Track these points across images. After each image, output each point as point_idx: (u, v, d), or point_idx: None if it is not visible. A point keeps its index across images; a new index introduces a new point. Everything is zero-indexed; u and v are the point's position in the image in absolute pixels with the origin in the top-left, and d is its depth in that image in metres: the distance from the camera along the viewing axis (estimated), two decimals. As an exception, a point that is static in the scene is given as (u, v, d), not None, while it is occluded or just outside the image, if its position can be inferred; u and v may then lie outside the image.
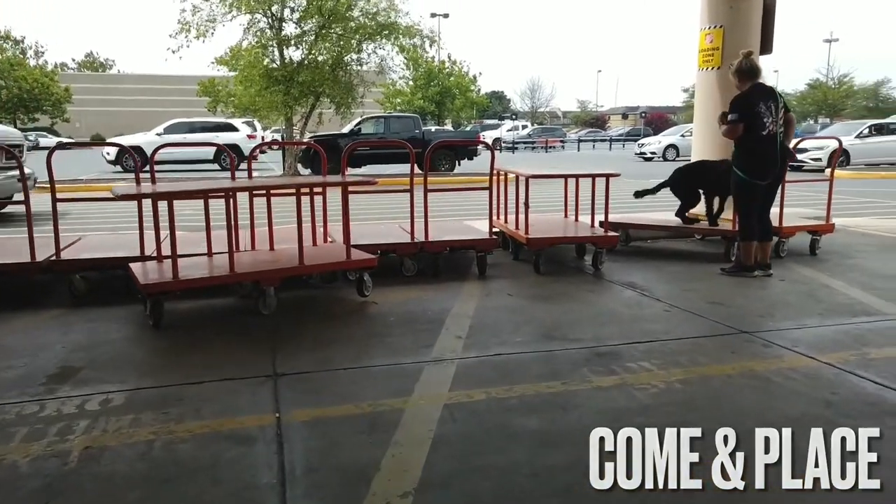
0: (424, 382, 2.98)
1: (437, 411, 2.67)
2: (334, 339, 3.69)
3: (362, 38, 18.62)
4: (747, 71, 5.02)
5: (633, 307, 4.31)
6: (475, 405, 2.73)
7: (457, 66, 41.17)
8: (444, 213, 9.69)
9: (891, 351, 3.36)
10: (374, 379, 3.06)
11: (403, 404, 2.74)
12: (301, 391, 2.94)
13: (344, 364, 3.24)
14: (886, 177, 16.90)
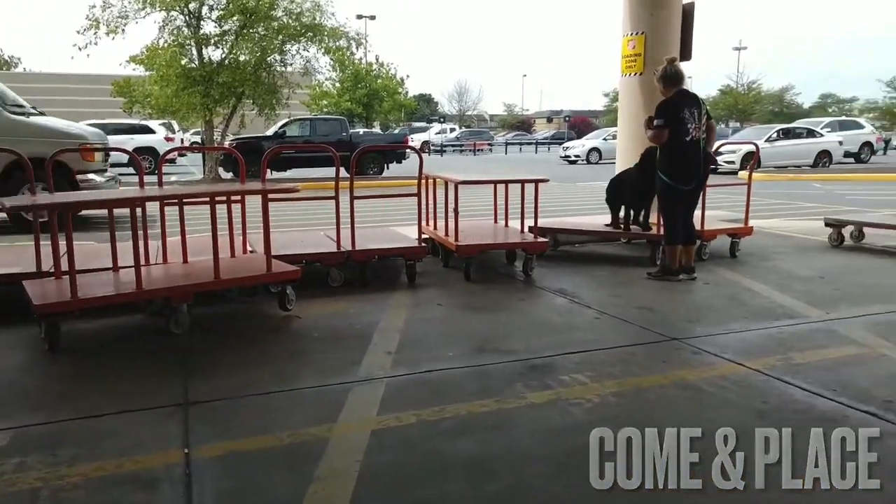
0: (351, 406, 2.80)
1: (364, 439, 2.49)
2: (253, 359, 3.44)
3: (286, 38, 18.13)
4: (672, 77, 5.07)
5: (565, 315, 4.25)
6: (405, 430, 2.57)
7: (384, 68, 40.86)
8: (371, 219, 9.48)
9: (813, 355, 3.42)
10: (296, 404, 2.85)
11: (328, 432, 2.54)
12: (214, 422, 2.70)
13: (263, 388, 3.01)
14: (794, 179, 17.81)
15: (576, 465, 2.30)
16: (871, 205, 11.17)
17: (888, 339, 3.64)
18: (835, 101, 63.78)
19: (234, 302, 4.54)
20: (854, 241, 6.74)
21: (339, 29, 18.86)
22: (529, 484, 2.18)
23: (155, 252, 4.63)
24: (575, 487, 2.17)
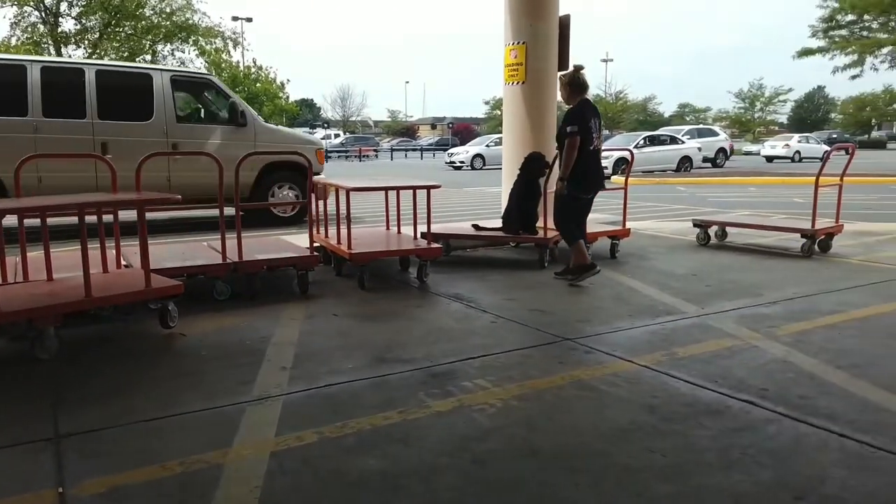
0: (246, 428, 2.64)
1: (263, 463, 2.35)
2: (134, 383, 3.17)
3: (156, 38, 17.14)
4: (580, 85, 5.16)
5: (462, 320, 4.27)
6: (307, 450, 2.45)
7: (263, 71, 39.63)
8: (259, 228, 9.13)
9: (694, 349, 3.64)
10: (185, 430, 2.65)
11: (223, 458, 2.38)
12: (92, 454, 2.45)
13: (146, 414, 2.77)
14: (661, 182, 19.10)
15: (485, 473, 2.30)
16: (730, 205, 12.18)
17: (757, 331, 3.96)
18: (691, 110, 69.39)
19: (109, 322, 4.19)
20: (718, 240, 7.30)
21: (213, 29, 18.09)
22: (441, 496, 2.15)
23: (13, 269, 4.18)
24: (485, 496, 2.16)
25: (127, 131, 8.53)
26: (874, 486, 2.18)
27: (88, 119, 8.36)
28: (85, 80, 8.39)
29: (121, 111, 8.61)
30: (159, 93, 8.79)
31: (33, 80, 8.12)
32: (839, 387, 3.06)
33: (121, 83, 8.86)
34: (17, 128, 8.00)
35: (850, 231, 7.44)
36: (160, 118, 8.77)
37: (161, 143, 8.63)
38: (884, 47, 22.73)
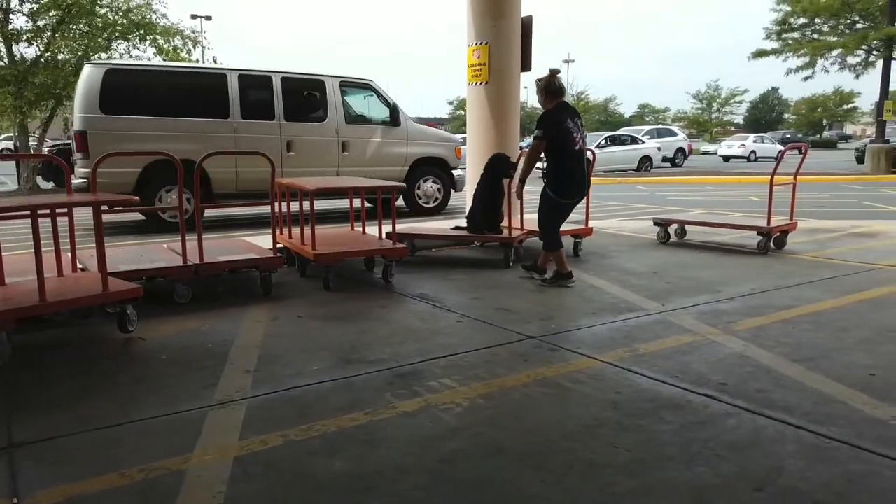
0: (209, 433, 2.60)
1: (226, 468, 2.31)
2: (91, 390, 3.09)
3: (112, 36, 16.71)
4: (556, 89, 5.09)
5: (428, 320, 4.27)
6: (272, 454, 2.42)
7: (224, 70, 38.99)
8: (222, 229, 9.00)
9: (655, 345, 3.70)
10: (145, 436, 2.59)
11: (184, 464, 2.34)
12: (49, 463, 2.38)
13: (105, 421, 2.71)
14: (622, 182, 19.39)
15: (451, 473, 2.30)
16: (688, 204, 12.44)
17: (715, 327, 4.05)
18: (651, 110, 70.64)
19: (65, 326, 4.07)
20: (678, 238, 7.44)
21: (172, 28, 17.70)
22: (408, 497, 2.14)
23: (-38, 274, 4.03)
24: (452, 495, 2.16)
25: (307, 131, 9.77)
26: (830, 476, 2.25)
27: (276, 121, 9.61)
28: (273, 86, 9.62)
29: (301, 113, 9.82)
30: (331, 97, 9.98)
31: (233, 86, 9.34)
32: (795, 380, 3.15)
33: (301, 89, 9.96)
34: (221, 128, 9.24)
35: (803, 228, 7.67)
36: (332, 119, 9.97)
37: (333, 141, 9.83)
38: (833, 50, 23.48)
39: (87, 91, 8.70)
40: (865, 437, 2.52)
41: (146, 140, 8.77)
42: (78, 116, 8.70)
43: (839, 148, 50.58)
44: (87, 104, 8.66)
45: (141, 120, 8.89)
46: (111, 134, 8.57)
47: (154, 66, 9.66)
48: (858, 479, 2.23)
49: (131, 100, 8.91)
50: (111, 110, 8.71)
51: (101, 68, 8.93)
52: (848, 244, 7.10)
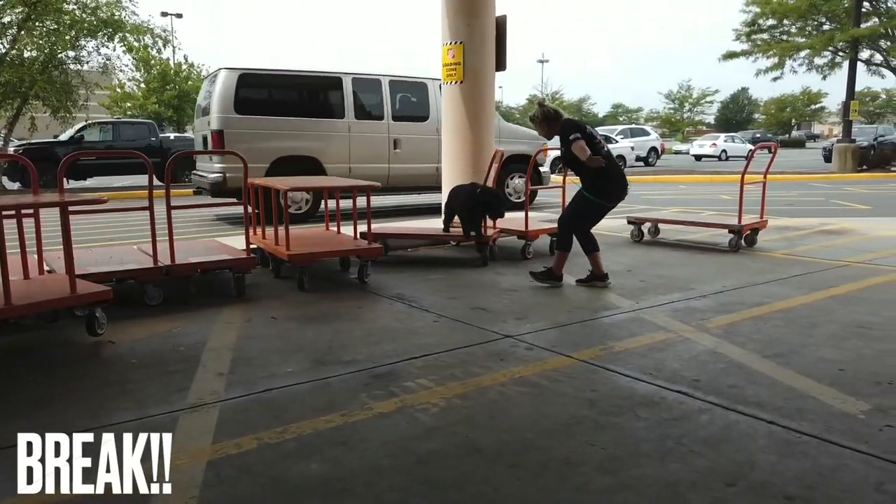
0: (181, 437, 2.54)
1: (199, 472, 2.27)
2: (58, 395, 3.02)
3: (79, 33, 16.39)
4: (553, 114, 5.02)
5: (404, 320, 4.25)
6: (246, 457, 2.39)
7: (195, 68, 38.46)
8: (193, 230, 8.88)
9: (630, 343, 3.73)
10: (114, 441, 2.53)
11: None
12: (6, 473, 2.31)
13: (73, 426, 2.63)
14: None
15: (428, 473, 2.29)
16: (662, 203, 12.58)
17: (688, 324, 4.10)
18: (624, 110, 71.33)
19: (31, 330, 3.98)
20: (652, 236, 7.52)
21: (142, 25, 17.42)
22: (384, 498, 2.13)
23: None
24: (428, 496, 2.15)
25: (411, 130, 10.50)
26: (800, 470, 2.28)
27: (385, 121, 10.38)
28: (382, 89, 10.40)
29: (408, 114, 10.62)
30: (432, 98, 10.63)
31: (347, 88, 10.15)
32: (766, 375, 3.20)
33: (406, 91, 10.75)
34: (337, 128, 10.07)
35: (773, 226, 7.80)
36: (434, 118, 10.41)
37: (435, 139, 9.87)
38: (801, 51, 23.92)
39: (224, 93, 9.41)
40: (835, 432, 2.57)
41: (273, 138, 9.58)
42: (215, 117, 9.39)
43: (807, 147, 51.59)
44: (223, 105, 9.38)
45: (269, 120, 9.66)
46: (244, 133, 9.35)
47: (280, 71, 10.22)
48: (828, 473, 2.26)
49: (261, 101, 9.83)
50: (244, 111, 9.46)
51: (235, 72, 9.57)
52: (817, 241, 7.23)
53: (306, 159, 9.72)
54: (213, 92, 9.60)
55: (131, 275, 4.53)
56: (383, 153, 10.21)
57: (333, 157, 9.72)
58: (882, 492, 2.14)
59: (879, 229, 8.10)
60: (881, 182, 18.18)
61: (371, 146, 10.12)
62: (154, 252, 4.67)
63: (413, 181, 10.68)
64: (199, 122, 10.42)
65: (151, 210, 4.57)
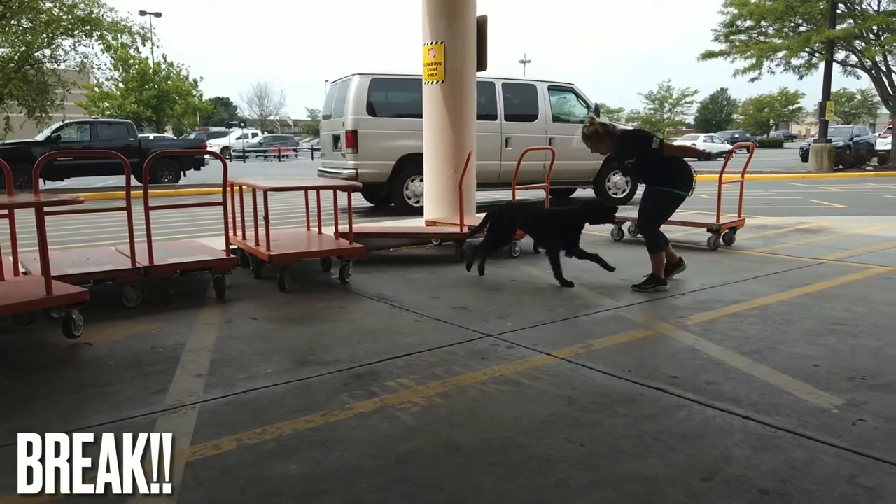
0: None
1: (178, 474, 2.25)
2: (34, 397, 2.98)
3: (55, 31, 16.17)
4: (610, 129, 5.05)
5: (386, 320, 4.25)
6: (225, 458, 2.38)
7: (175, 68, 38.13)
8: (172, 231, 8.80)
9: (608, 340, 3.76)
10: (89, 445, 2.50)
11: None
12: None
13: (49, 428, 2.60)
14: (579, 181, 19.62)
15: (408, 472, 2.30)
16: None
17: (667, 321, 4.14)
18: (605, 111, 71.68)
19: (7, 332, 3.92)
20: (632, 235, 7.57)
21: (120, 24, 17.23)
22: (363, 498, 2.13)
23: None
24: (408, 495, 2.16)
25: (521, 129, 11.33)
26: (774, 464, 2.32)
27: (499, 121, 11.25)
28: (495, 90, 11.24)
29: (518, 114, 11.43)
30: (541, 99, 11.58)
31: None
32: (743, 372, 3.24)
33: (516, 93, 11.60)
34: None
35: (751, 225, 7.90)
36: (542, 118, 11.56)
37: (543, 138, 11.24)
38: (779, 52, 24.21)
39: (357, 96, 10.45)
40: (809, 426, 2.61)
41: (399, 137, 10.46)
42: (349, 118, 10.41)
43: (785, 147, 52.29)
44: (356, 107, 10.42)
45: (396, 120, 10.62)
46: (374, 132, 10.42)
47: (406, 75, 10.91)
48: (801, 466, 2.30)
49: (389, 103, 10.81)
50: (375, 112, 10.51)
51: (367, 77, 10.62)
52: (794, 240, 7.34)
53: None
54: (347, 95, 10.54)
55: (109, 276, 4.49)
56: (496, 150, 11.07)
57: (485, 154, 10.28)
58: (853, 484, 2.19)
59: (854, 227, 8.24)
60: (856, 181, 18.49)
61: (485, 144, 10.36)
62: (132, 253, 4.63)
63: (522, 177, 11.04)
64: (329, 123, 11.41)
65: (129, 211, 4.52)
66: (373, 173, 10.26)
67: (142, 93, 36.44)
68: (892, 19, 22.21)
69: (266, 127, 70.75)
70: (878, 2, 22.93)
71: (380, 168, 10.48)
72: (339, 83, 11.38)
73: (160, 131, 38.14)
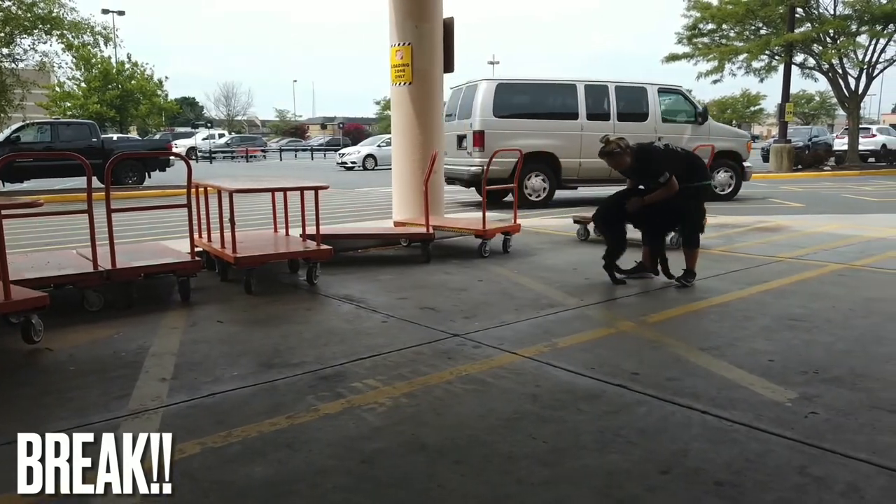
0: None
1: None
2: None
3: (14, 30, 15.76)
4: (626, 148, 5.12)
5: (353, 321, 4.26)
6: (188, 462, 2.36)
7: (139, 67, 37.43)
8: (136, 233, 8.66)
9: (572, 339, 3.83)
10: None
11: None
12: (-56, 485, 2.24)
13: (7, 437, 2.56)
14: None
15: (373, 472, 2.31)
16: (610, 203, 12.85)
17: (630, 319, 4.22)
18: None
19: (-39, 339, 3.82)
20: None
21: (82, 23, 16.87)
22: (329, 499, 2.14)
23: None
24: (373, 494, 2.18)
25: (632, 129, 11.56)
26: (730, 457, 2.40)
27: (611, 122, 11.99)
28: (608, 93, 12.18)
29: (629, 115, 12.21)
30: (651, 101, 12.40)
31: (580, 93, 12.06)
32: (702, 367, 3.33)
33: (628, 95, 12.39)
34: (571, 128, 12.04)
35: (713, 224, 8.07)
36: (652, 118, 12.33)
37: (653, 136, 11.40)
38: (740, 54, 24.73)
39: (484, 100, 11.57)
40: (763, 419, 2.70)
41: (521, 137, 11.41)
42: (477, 119, 11.54)
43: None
44: (484, 110, 11.54)
45: (519, 121, 11.75)
46: (499, 133, 11.46)
47: (528, 80, 12.36)
48: (756, 458, 2.38)
49: (513, 105, 11.84)
50: (500, 114, 11.62)
51: (493, 83, 11.94)
52: (753, 238, 7.53)
53: (546, 154, 11.81)
54: (475, 98, 11.64)
55: (70, 280, 4.41)
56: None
57: (568, 152, 11.85)
58: (804, 475, 2.27)
59: (811, 226, 8.48)
60: (814, 181, 18.99)
61: (598, 143, 11.10)
62: (94, 256, 4.55)
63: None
64: (455, 123, 12.14)
65: (90, 213, 4.45)
66: (497, 170, 10.74)
67: (105, 93, 35.69)
68: (847, 23, 22.89)
69: (233, 127, 69.88)
70: (835, 6, 23.63)
71: (503, 165, 11.00)
72: (464, 88, 12.39)
73: (124, 132, 37.41)
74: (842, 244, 6.97)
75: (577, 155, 11.95)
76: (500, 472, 2.30)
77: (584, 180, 12.21)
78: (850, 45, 23.11)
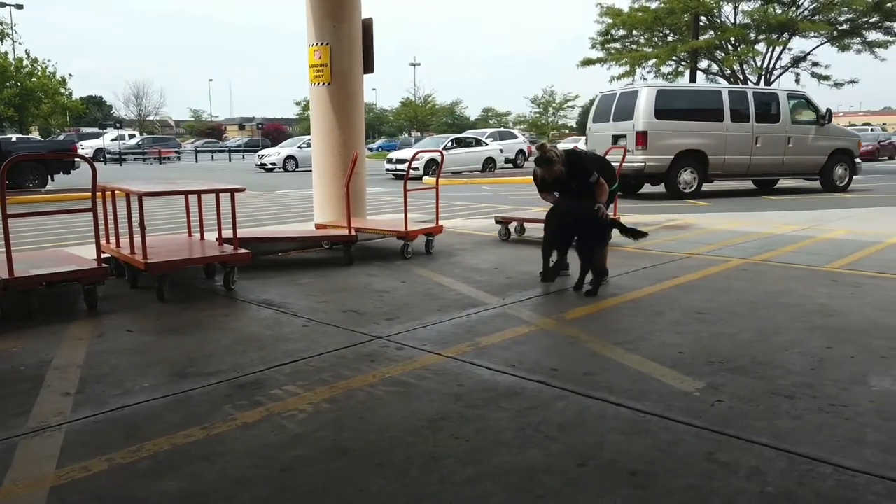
0: (20, 464, 2.35)
1: (40, 500, 2.11)
2: None
3: None
4: (558, 153, 5.15)
5: (273, 327, 4.16)
6: (95, 480, 2.24)
7: (39, 64, 35.20)
8: (38, 240, 8.16)
9: (495, 337, 3.88)
10: (-60, 475, 2.29)
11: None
12: None
13: None
14: (467, 182, 20.04)
15: (293, 480, 2.27)
16: (529, 203, 13.11)
17: (549, 317, 4.33)
18: (494, 114, 73.63)
19: None
20: (518, 235, 7.84)
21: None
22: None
23: None
24: (293, 503, 2.13)
25: (767, 129, 13.82)
26: (643, 447, 2.49)
27: (750, 123, 13.68)
28: (748, 98, 13.84)
29: (764, 117, 13.82)
30: (782, 104, 14.05)
31: (725, 99, 13.63)
32: (616, 361, 3.45)
33: (762, 99, 14.11)
34: (719, 128, 13.57)
35: (625, 223, 8.36)
36: (783, 120, 13.99)
37: (783, 137, 13.89)
38: (649, 60, 25.86)
39: (647, 104, 13.08)
40: (674, 409, 2.82)
41: (676, 137, 13.23)
42: (641, 121, 13.02)
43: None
44: (647, 113, 13.05)
45: (675, 123, 13.24)
46: (660, 133, 13.10)
47: (682, 87, 15.10)
48: (666, 448, 2.49)
49: (670, 109, 13.27)
50: (660, 117, 13.09)
51: (654, 89, 13.55)
52: (663, 236, 7.87)
53: (697, 152, 13.42)
54: (637, 103, 13.11)
55: (-40, 291, 4.10)
56: (748, 147, 13.74)
57: (715, 150, 13.49)
58: (712, 461, 2.39)
59: (717, 223, 8.96)
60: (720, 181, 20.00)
61: (740, 142, 13.63)
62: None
63: (766, 169, 14.25)
64: (610, 125, 13.70)
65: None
66: (657, 165, 13.07)
67: (1, 91, 33.38)
68: (746, 32, 24.33)
69: (145, 128, 66.88)
70: (735, 16, 25.05)
71: (662, 161, 13.18)
72: (619, 94, 14.00)
73: (24, 132, 35.12)
74: (743, 240, 7.40)
75: (722, 152, 13.61)
76: (423, 473, 2.30)
77: (728, 175, 13.96)
78: (749, 53, 24.58)
